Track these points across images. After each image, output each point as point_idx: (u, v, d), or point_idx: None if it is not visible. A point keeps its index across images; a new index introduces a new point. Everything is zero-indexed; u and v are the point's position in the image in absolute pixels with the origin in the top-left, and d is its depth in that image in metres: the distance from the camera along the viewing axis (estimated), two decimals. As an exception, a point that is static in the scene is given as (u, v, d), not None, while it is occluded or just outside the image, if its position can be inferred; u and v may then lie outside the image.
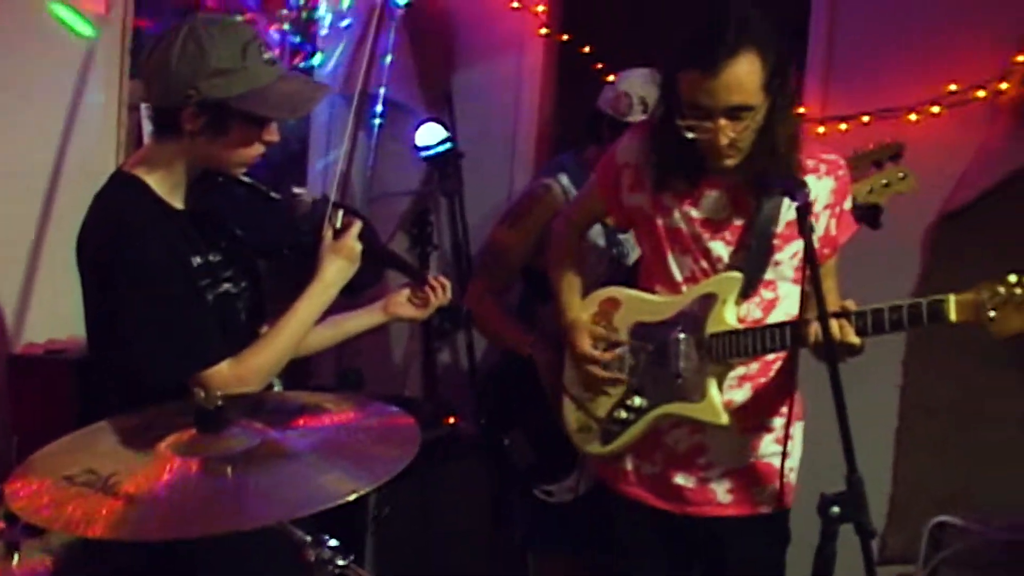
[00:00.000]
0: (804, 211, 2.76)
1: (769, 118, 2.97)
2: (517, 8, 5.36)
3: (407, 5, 5.40)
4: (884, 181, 3.85)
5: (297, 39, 5.56)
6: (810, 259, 2.76)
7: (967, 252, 4.54)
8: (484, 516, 4.66)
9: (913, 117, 4.60)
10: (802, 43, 4.90)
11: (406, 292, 3.38)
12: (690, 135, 2.96)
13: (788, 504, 3.31)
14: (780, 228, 3.10)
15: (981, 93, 4.54)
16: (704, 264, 3.18)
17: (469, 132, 5.49)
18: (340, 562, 2.28)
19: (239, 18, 3.98)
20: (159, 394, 2.60)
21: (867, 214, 3.78)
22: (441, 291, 3.36)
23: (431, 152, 5.22)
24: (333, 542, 2.30)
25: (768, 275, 3.14)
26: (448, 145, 5.25)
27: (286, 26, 5.48)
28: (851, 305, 2.92)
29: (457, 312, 4.31)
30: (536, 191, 4.14)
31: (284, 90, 2.89)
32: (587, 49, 5.13)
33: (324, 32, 5.65)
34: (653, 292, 3.30)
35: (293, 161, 5.64)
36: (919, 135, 4.50)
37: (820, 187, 3.10)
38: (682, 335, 3.16)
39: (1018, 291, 2.65)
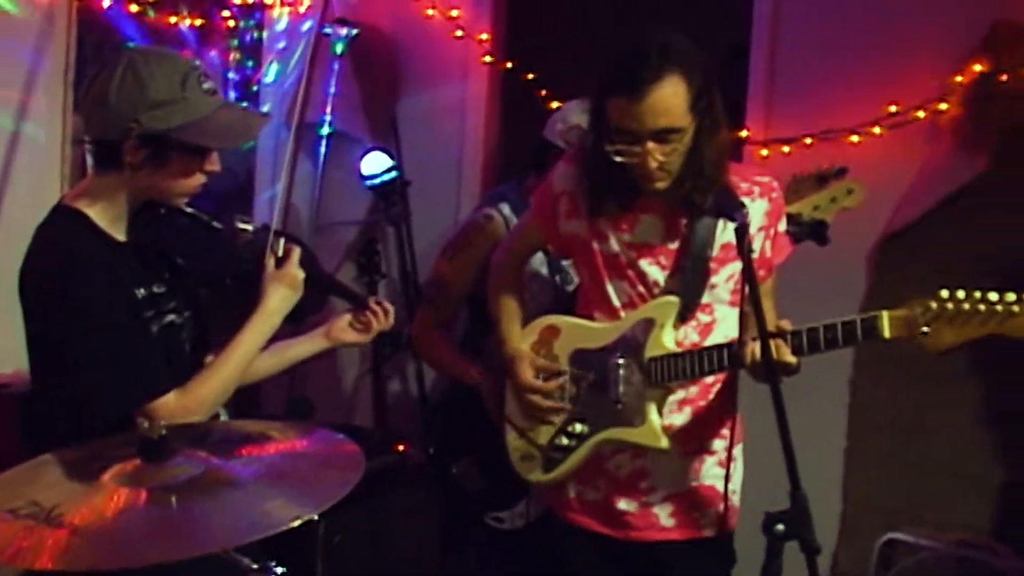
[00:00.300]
0: (742, 231, 2.78)
1: (697, 140, 2.99)
2: (461, 36, 5.38)
3: (350, 36, 5.39)
4: (830, 197, 3.87)
5: (238, 73, 5.56)
6: (750, 279, 2.77)
7: (910, 271, 4.57)
8: (434, 543, 4.64)
9: (855, 138, 4.64)
10: (744, 67, 4.94)
11: (348, 317, 3.38)
12: (619, 159, 2.98)
13: (731, 527, 3.33)
14: (715, 252, 3.13)
15: (921, 114, 4.58)
16: (641, 289, 3.19)
17: (415, 160, 5.50)
18: (286, 588, 2.28)
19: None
20: (105, 426, 2.59)
21: (814, 230, 3.80)
22: (383, 315, 3.36)
23: (376, 181, 5.22)
24: (280, 569, 2.30)
25: (705, 299, 3.16)
26: (393, 174, 5.25)
27: (229, 59, 5.48)
28: (787, 325, 2.94)
29: (399, 336, 4.31)
30: (477, 221, 4.13)
31: (224, 120, 2.90)
32: (531, 76, 5.15)
33: (266, 66, 5.65)
34: (592, 319, 3.31)
35: (239, 192, 5.64)
36: (861, 156, 4.54)
37: (754, 209, 3.12)
38: (621, 360, 3.17)
39: (949, 306, 2.68)
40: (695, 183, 3.02)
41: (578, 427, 3.28)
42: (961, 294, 2.66)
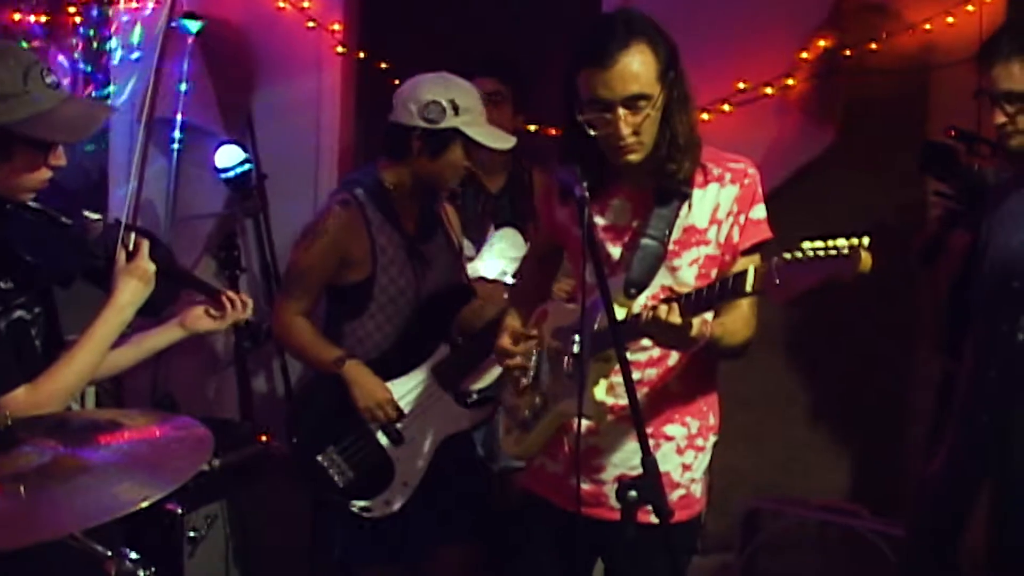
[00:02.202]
0: (581, 204, 2.79)
1: (667, 111, 3.01)
2: (313, 27, 5.36)
3: (200, 30, 5.35)
4: None
5: (88, 68, 5.49)
6: (593, 252, 2.79)
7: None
8: (303, 533, 4.63)
9: (705, 116, 4.70)
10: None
11: (201, 307, 3.38)
12: (592, 132, 2.99)
13: (688, 516, 3.32)
14: (676, 234, 3.12)
15: (769, 90, 4.68)
16: (607, 270, 3.19)
17: (271, 153, 5.48)
18: (141, 574, 2.26)
19: (24, 45, 3.91)
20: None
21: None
22: (240, 306, 3.38)
23: (231, 174, 5.19)
24: (133, 555, 2.27)
25: (666, 281, 3.14)
26: (248, 166, 5.23)
27: (76, 55, 5.40)
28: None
29: (258, 329, 4.28)
30: (332, 207, 4.06)
31: (67, 113, 2.86)
32: (384, 65, 5.15)
33: (115, 62, 5.58)
34: (574, 301, 3.34)
35: (93, 189, 5.57)
36: (712, 133, 4.54)
37: (724, 195, 3.13)
38: (576, 337, 3.18)
39: (799, 255, 2.65)
40: (670, 153, 3.04)
41: (539, 400, 3.32)
42: (818, 243, 2.67)
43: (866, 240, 2.57)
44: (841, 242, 2.59)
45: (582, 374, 3.03)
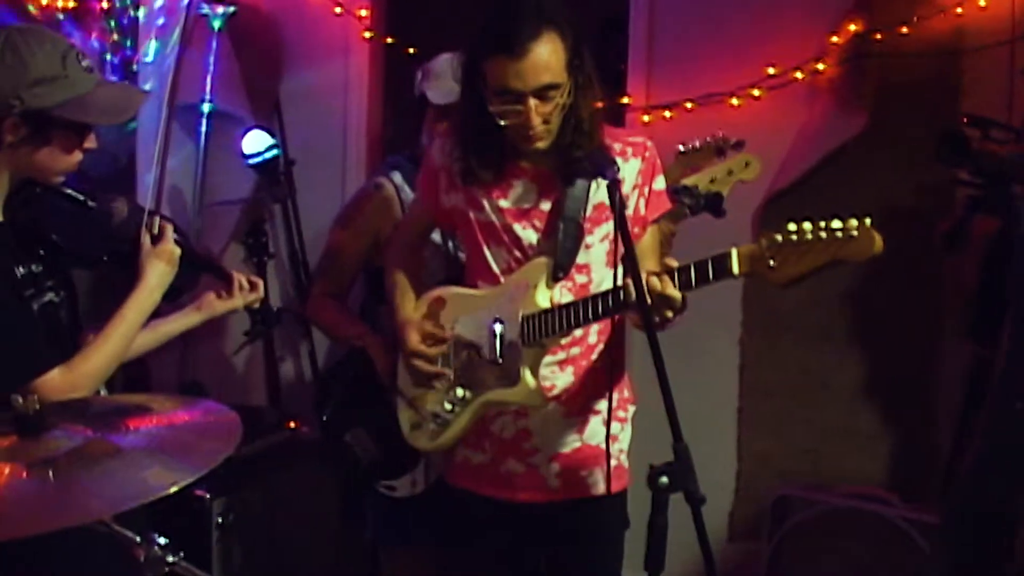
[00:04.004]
0: (614, 187, 2.77)
1: (574, 96, 3.02)
2: (340, 13, 5.36)
3: (228, 15, 5.34)
4: (727, 170, 3.88)
5: (116, 60, 5.50)
6: (623, 232, 2.77)
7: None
8: (332, 516, 4.64)
9: (735, 102, 4.70)
10: (623, 34, 4.97)
11: (214, 291, 3.41)
12: (503, 122, 3.00)
13: (622, 487, 3.35)
14: (589, 212, 3.15)
15: (799, 75, 4.65)
16: (517, 253, 3.21)
17: (299, 139, 5.48)
18: (170, 559, 2.25)
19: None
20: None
21: (710, 203, 3.79)
22: (248, 287, 3.41)
23: (259, 159, 5.18)
24: (163, 540, 2.27)
25: (581, 259, 3.17)
26: (276, 152, 5.21)
27: (111, 28, 5.41)
28: (672, 262, 2.91)
29: (268, 311, 4.28)
30: (368, 190, 4.13)
31: (104, 97, 2.90)
32: (412, 50, 5.14)
33: (143, 49, 5.59)
34: (476, 287, 3.33)
35: (121, 176, 5.57)
36: (742, 119, 4.60)
37: (627, 168, 3.16)
38: (497, 325, 3.18)
39: (793, 237, 2.65)
40: (574, 139, 3.05)
41: (460, 392, 3.30)
42: (807, 225, 2.64)
43: (867, 220, 2.57)
44: (852, 222, 2.58)
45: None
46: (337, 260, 4.15)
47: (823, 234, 2.61)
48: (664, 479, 2.57)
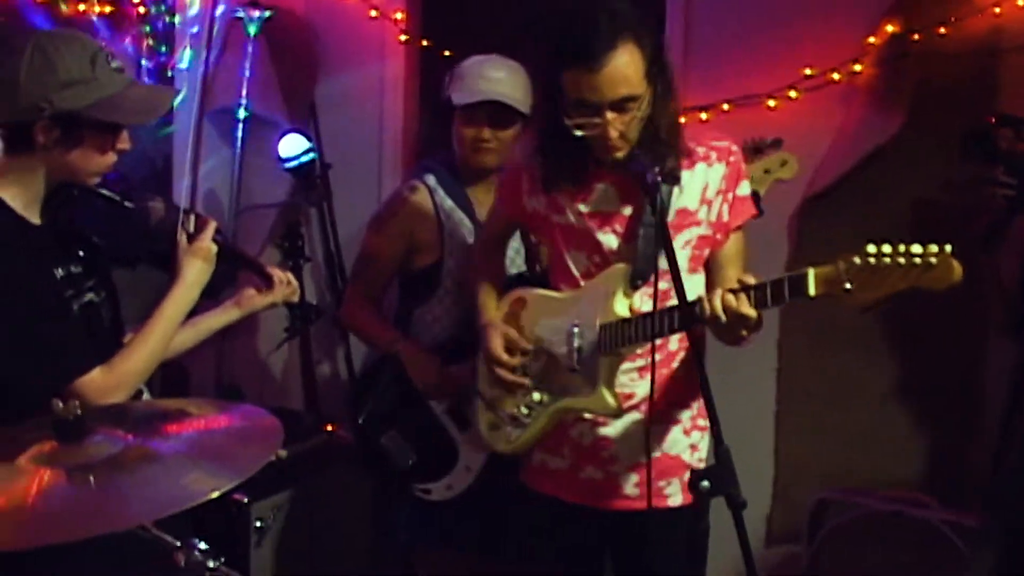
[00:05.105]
0: (654, 190, 2.77)
1: (653, 106, 2.98)
2: (376, 17, 5.35)
3: (264, 19, 5.35)
4: (764, 168, 3.87)
5: (151, 65, 5.52)
6: (663, 235, 2.77)
7: (832, 232, 4.61)
8: (367, 522, 4.66)
9: (772, 103, 4.66)
10: (659, 34, 4.95)
11: (253, 287, 3.44)
12: (579, 133, 2.96)
13: None
14: (671, 217, 3.11)
15: (836, 76, 4.62)
16: (597, 259, 3.19)
17: (335, 142, 5.48)
18: (211, 564, 2.26)
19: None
20: (31, 406, 2.56)
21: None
22: (285, 284, 3.45)
23: (295, 163, 5.19)
24: (203, 545, 2.28)
25: (661, 265, 3.08)
26: (312, 155, 5.22)
27: (147, 33, 5.43)
28: (750, 279, 2.87)
29: (307, 308, 4.29)
30: (402, 193, 4.14)
31: (134, 97, 2.92)
32: (448, 53, 5.13)
33: (179, 54, 5.60)
34: (558, 290, 3.32)
35: (156, 179, 5.59)
36: (779, 120, 4.56)
37: (712, 174, 3.14)
38: (575, 330, 3.16)
39: (871, 260, 2.61)
40: (653, 149, 3.00)
41: (537, 396, 3.29)
42: (887, 248, 2.61)
43: (948, 248, 2.53)
44: (932, 248, 2.53)
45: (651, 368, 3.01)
46: (371, 264, 4.16)
47: (902, 260, 2.56)
48: (705, 483, 2.56)
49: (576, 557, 3.44)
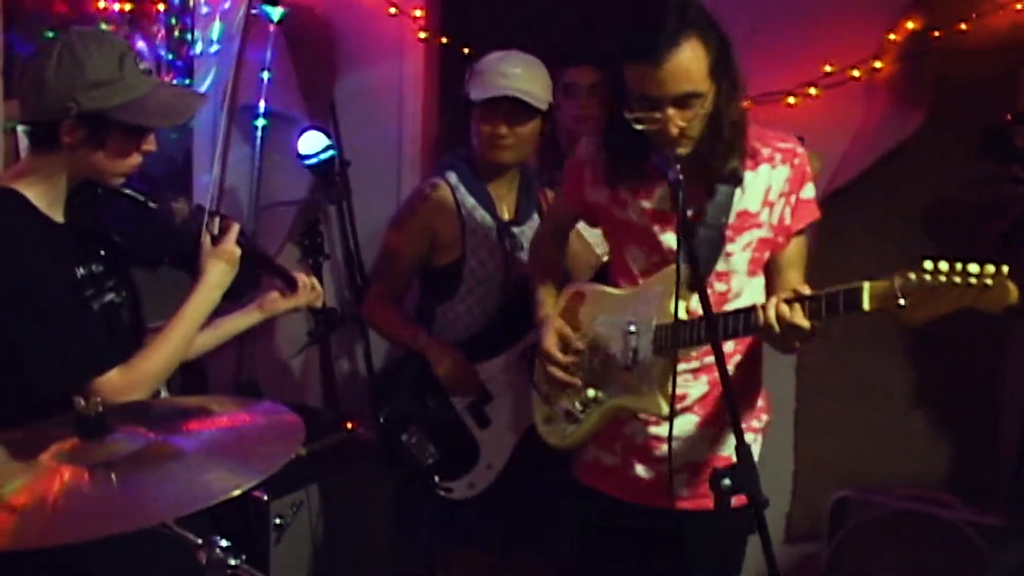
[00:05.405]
0: (676, 187, 2.72)
1: (717, 104, 2.94)
2: (395, 14, 5.35)
3: (283, 17, 5.35)
4: None
5: (170, 56, 5.52)
6: (686, 235, 2.75)
7: (850, 231, 4.61)
8: (388, 520, 4.65)
9: (792, 100, 4.65)
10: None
11: (277, 290, 3.41)
12: (639, 127, 2.93)
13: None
14: (731, 219, 3.09)
15: (856, 73, 4.61)
16: (656, 257, 3.18)
17: (354, 139, 5.45)
18: (232, 562, 2.26)
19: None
20: (48, 405, 2.57)
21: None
22: (310, 288, 3.42)
23: (314, 160, 5.17)
24: (224, 543, 2.28)
25: (720, 267, 3.11)
26: (331, 153, 5.20)
27: (158, 43, 5.44)
28: (804, 289, 2.87)
29: (331, 313, 4.29)
30: (423, 191, 4.13)
31: (161, 100, 2.92)
32: (467, 51, 5.13)
33: (198, 51, 5.61)
34: (617, 286, 3.31)
35: (177, 177, 5.59)
36: (799, 117, 4.55)
37: (775, 176, 3.11)
38: (632, 328, 3.14)
39: (928, 278, 2.58)
40: (714, 148, 2.99)
41: (592, 393, 3.27)
42: (943, 265, 2.57)
43: (1004, 268, 2.50)
44: (989, 268, 2.50)
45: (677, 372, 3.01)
46: (392, 262, 4.16)
47: (958, 279, 2.53)
48: (727, 481, 2.56)
49: (624, 554, 3.43)
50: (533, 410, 3.53)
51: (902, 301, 2.63)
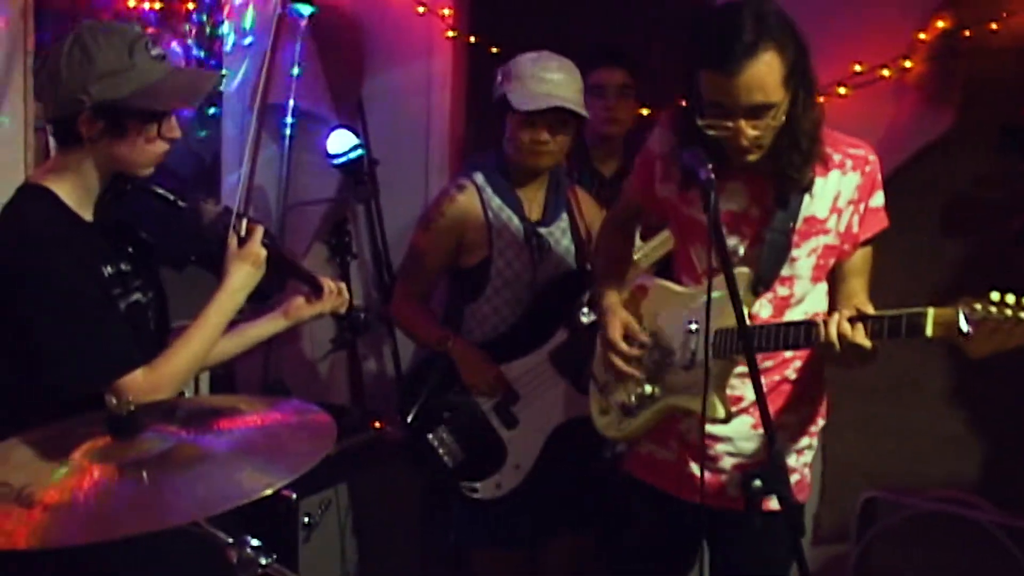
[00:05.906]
0: (708, 187, 2.67)
1: (791, 113, 2.91)
2: (423, 12, 5.35)
3: (312, 16, 5.36)
4: None
5: (201, 54, 5.53)
6: (718, 239, 2.71)
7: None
8: (416, 518, 4.66)
9: (821, 99, 4.61)
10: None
11: (302, 296, 3.37)
12: (711, 133, 2.90)
13: (801, 500, 3.23)
14: (798, 224, 3.05)
15: (886, 72, 4.59)
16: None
17: (382, 138, 5.47)
18: (263, 561, 2.25)
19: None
20: (73, 404, 2.58)
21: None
22: (336, 294, 3.36)
23: (343, 159, 5.19)
24: (255, 542, 2.27)
25: (785, 271, 3.09)
26: (359, 152, 5.21)
27: (190, 41, 5.45)
28: (868, 308, 2.86)
29: (357, 318, 4.29)
30: (450, 191, 4.13)
31: (175, 83, 2.92)
32: (495, 50, 5.12)
33: (228, 49, 5.62)
34: (681, 283, 3.30)
35: (206, 176, 5.61)
36: (828, 117, 4.47)
37: (845, 183, 3.07)
38: (693, 327, 3.13)
39: (993, 310, 2.56)
40: (789, 157, 2.96)
41: (648, 388, 3.26)
42: (1011, 298, 2.56)
43: None
44: None
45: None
46: (420, 262, 4.15)
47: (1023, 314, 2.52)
48: (757, 482, 2.55)
49: (672, 550, 3.45)
50: (590, 400, 3.52)
51: (965, 327, 2.60)
